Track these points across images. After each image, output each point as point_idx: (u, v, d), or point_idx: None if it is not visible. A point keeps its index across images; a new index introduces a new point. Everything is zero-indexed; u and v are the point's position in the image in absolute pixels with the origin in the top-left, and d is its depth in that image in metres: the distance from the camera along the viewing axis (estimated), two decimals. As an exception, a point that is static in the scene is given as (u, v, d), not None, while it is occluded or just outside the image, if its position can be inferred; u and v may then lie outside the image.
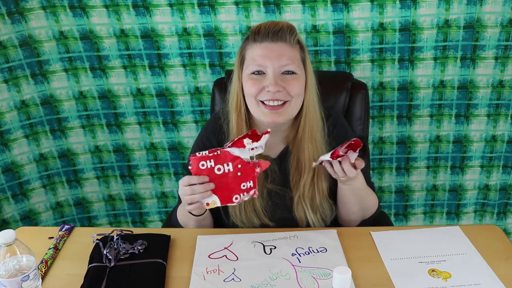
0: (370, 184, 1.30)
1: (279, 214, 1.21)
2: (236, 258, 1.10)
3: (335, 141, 1.22)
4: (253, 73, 1.12)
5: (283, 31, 1.11)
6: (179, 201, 1.32)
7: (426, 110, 1.82)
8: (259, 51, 1.11)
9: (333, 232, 1.17)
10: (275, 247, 1.13)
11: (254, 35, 1.13)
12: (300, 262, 1.07)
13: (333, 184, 1.22)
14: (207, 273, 1.05)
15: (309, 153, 1.18)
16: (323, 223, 1.23)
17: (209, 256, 1.10)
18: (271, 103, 1.12)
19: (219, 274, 1.05)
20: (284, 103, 1.13)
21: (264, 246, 1.13)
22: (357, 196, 1.19)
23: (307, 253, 1.10)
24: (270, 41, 1.11)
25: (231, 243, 1.15)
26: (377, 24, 1.67)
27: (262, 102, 1.13)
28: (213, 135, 1.25)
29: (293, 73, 1.12)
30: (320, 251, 1.11)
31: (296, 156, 1.20)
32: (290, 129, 1.22)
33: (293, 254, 1.10)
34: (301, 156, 1.19)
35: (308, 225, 1.22)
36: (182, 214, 1.23)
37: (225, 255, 1.11)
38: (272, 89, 1.09)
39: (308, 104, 1.17)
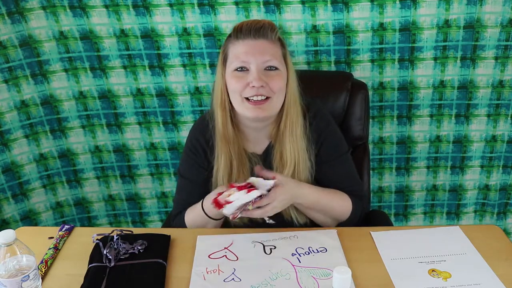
0: (354, 183, 1.30)
1: None
2: (236, 258, 1.10)
3: (316, 133, 1.24)
4: (237, 69, 1.15)
5: (265, 28, 1.14)
6: (176, 207, 1.33)
7: (426, 110, 1.82)
8: (242, 48, 1.14)
9: (333, 232, 1.18)
10: (275, 247, 1.13)
11: (236, 32, 1.15)
12: (300, 262, 1.07)
13: (315, 178, 1.25)
14: (207, 273, 1.05)
15: (291, 147, 1.21)
16: (305, 218, 1.24)
17: (209, 256, 1.10)
18: (254, 98, 1.14)
19: (219, 274, 1.05)
20: (267, 98, 1.15)
21: (264, 246, 1.13)
22: (315, 210, 1.21)
23: (307, 253, 1.10)
24: (252, 38, 1.14)
25: (231, 243, 1.15)
26: (377, 24, 1.67)
27: (246, 99, 1.15)
28: (201, 135, 1.27)
29: (275, 68, 1.15)
30: (320, 251, 1.11)
31: (279, 150, 1.23)
32: (273, 125, 1.24)
33: (293, 254, 1.10)
34: (283, 150, 1.22)
35: (291, 219, 1.24)
36: (196, 219, 1.24)
37: (225, 255, 1.11)
38: (256, 84, 1.12)
39: (289, 100, 1.19)
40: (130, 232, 1.18)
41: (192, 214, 1.25)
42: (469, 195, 1.98)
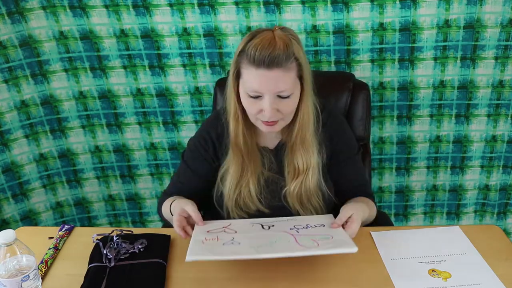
0: (366, 183, 1.35)
1: (275, 201, 1.25)
2: (235, 232, 1.10)
3: (329, 132, 1.25)
4: (250, 95, 1.14)
5: (279, 58, 1.09)
6: (170, 186, 1.33)
7: (426, 110, 1.82)
8: (255, 78, 1.11)
9: (330, 216, 1.18)
10: (273, 225, 1.14)
11: (250, 56, 1.10)
12: (298, 232, 1.08)
13: (324, 179, 1.26)
14: (206, 240, 1.05)
15: (301, 156, 1.22)
16: (314, 213, 1.25)
17: (207, 231, 1.10)
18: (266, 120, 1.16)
19: (218, 240, 1.05)
20: (278, 120, 1.17)
21: (262, 225, 1.14)
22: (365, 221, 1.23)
23: (305, 227, 1.11)
24: (266, 68, 1.09)
25: (229, 224, 1.15)
26: (377, 24, 1.67)
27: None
28: (213, 129, 1.28)
29: (288, 95, 1.14)
30: (318, 226, 1.12)
31: (291, 150, 1.24)
32: (285, 126, 1.25)
33: (291, 229, 1.11)
34: (294, 159, 1.23)
35: (297, 213, 1.25)
36: (166, 212, 1.25)
37: (224, 230, 1.11)
38: (268, 115, 1.13)
39: (302, 113, 1.19)
40: (130, 232, 1.18)
41: (166, 206, 1.25)
42: (469, 195, 1.98)
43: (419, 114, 1.83)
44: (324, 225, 1.12)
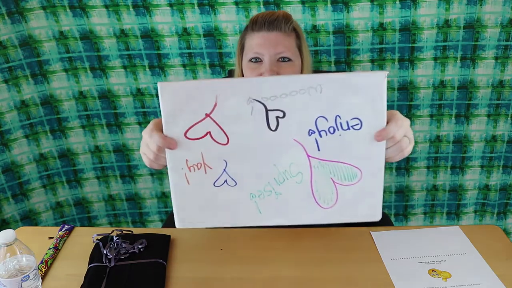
0: None
1: None
2: (226, 141, 0.81)
3: None
4: (251, 60, 1.19)
5: (279, 21, 1.17)
6: None
7: (426, 110, 1.82)
8: (256, 40, 1.18)
9: (382, 74, 0.79)
10: (283, 114, 0.79)
11: (252, 24, 1.20)
12: (319, 149, 0.79)
13: None
14: (190, 170, 0.83)
15: None
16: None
17: (185, 135, 0.83)
18: None
19: (205, 172, 0.82)
20: None
21: (267, 111, 0.79)
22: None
23: (331, 130, 0.79)
24: (266, 30, 1.17)
25: (214, 106, 0.80)
26: (377, 24, 1.67)
27: None
28: None
29: (289, 60, 1.18)
30: (353, 126, 0.79)
31: None
32: None
33: (310, 132, 0.79)
34: None
35: None
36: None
37: (209, 133, 0.81)
38: (268, 75, 1.15)
39: None
40: (130, 232, 1.18)
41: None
42: (469, 195, 1.98)
43: (419, 114, 1.83)
44: (361, 125, 0.78)
